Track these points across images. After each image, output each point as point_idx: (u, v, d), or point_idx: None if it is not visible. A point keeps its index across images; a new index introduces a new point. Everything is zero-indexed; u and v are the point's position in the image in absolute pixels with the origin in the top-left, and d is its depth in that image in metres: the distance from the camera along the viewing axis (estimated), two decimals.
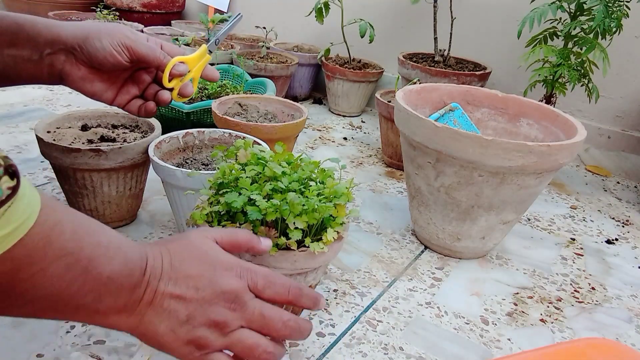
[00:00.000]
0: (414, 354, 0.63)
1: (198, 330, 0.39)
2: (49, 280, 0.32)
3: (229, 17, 1.49)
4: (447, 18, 1.36)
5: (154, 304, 0.38)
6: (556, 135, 0.84)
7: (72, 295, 0.34)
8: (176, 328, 0.38)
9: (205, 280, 0.40)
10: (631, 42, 1.28)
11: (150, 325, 0.38)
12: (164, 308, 0.38)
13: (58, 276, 0.32)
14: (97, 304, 0.35)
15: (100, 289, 0.35)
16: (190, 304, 0.39)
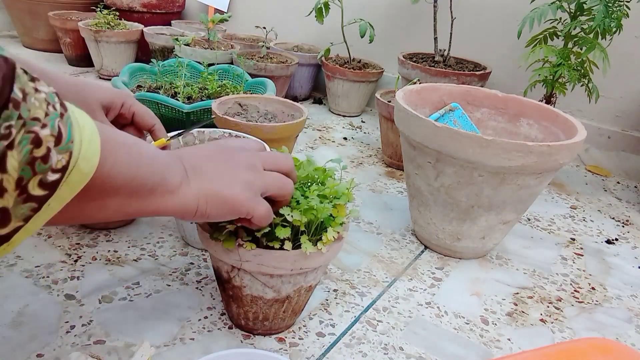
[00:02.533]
0: (414, 354, 0.63)
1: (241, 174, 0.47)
2: (123, 168, 0.38)
3: (228, 17, 1.49)
4: (447, 18, 1.36)
5: (198, 170, 0.46)
6: (556, 135, 0.84)
7: (143, 177, 0.40)
8: (223, 178, 0.46)
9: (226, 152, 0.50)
10: (631, 42, 1.28)
11: (207, 185, 0.45)
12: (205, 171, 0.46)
13: (127, 163, 0.38)
14: (164, 181, 0.42)
15: (160, 167, 0.42)
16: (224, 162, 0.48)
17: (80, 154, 0.33)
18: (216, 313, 0.66)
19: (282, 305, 0.60)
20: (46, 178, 0.31)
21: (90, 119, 0.35)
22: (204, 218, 0.46)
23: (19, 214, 0.30)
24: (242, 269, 0.55)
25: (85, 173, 0.33)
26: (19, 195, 0.30)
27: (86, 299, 0.65)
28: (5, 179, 0.29)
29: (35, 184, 0.30)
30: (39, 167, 0.30)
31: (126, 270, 0.72)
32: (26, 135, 0.29)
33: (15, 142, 0.29)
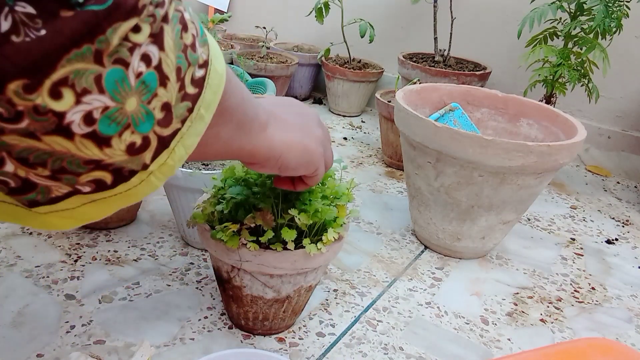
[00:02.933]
0: (414, 354, 0.63)
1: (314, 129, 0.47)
2: (235, 88, 0.35)
3: (228, 17, 1.49)
4: (447, 18, 1.36)
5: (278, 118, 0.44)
6: (556, 135, 0.84)
7: (247, 104, 0.38)
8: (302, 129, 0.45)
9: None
10: (631, 42, 1.28)
11: (288, 133, 0.44)
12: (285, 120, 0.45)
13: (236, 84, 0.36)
14: (258, 116, 0.40)
15: (254, 103, 0.40)
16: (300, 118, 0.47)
17: (211, 52, 0.30)
18: (216, 313, 0.66)
19: (282, 305, 0.60)
20: (195, 73, 0.28)
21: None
22: (284, 167, 0.44)
23: (178, 113, 0.28)
24: (242, 269, 0.55)
25: (220, 74, 0.31)
26: (179, 90, 0.27)
27: (86, 299, 0.65)
28: (164, 62, 0.26)
29: (189, 79, 0.28)
30: (191, 56, 0.28)
31: (126, 270, 0.72)
32: (175, 12, 0.26)
33: (169, 16, 0.26)
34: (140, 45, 0.24)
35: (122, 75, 0.24)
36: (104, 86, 0.23)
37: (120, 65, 0.24)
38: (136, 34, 0.24)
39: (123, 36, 0.23)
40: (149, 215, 0.87)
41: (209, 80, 0.30)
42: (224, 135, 0.36)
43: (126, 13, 0.23)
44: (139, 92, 0.25)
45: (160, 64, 0.25)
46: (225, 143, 0.37)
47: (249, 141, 0.39)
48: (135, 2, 0.23)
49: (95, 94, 0.23)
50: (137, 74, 0.25)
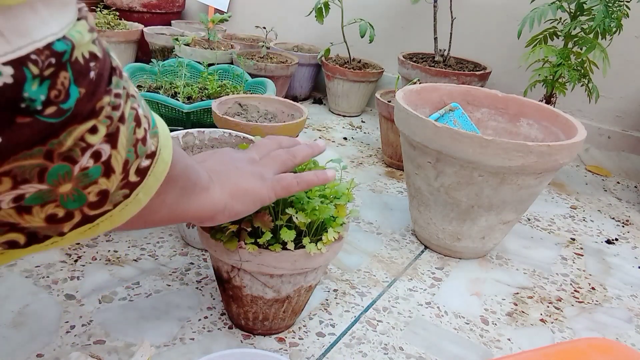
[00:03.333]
0: (414, 354, 0.63)
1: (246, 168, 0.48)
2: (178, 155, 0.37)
3: (229, 17, 1.49)
4: (447, 18, 1.36)
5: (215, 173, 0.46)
6: (556, 135, 0.84)
7: (190, 168, 0.40)
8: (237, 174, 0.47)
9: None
10: (631, 42, 1.28)
11: (228, 184, 0.46)
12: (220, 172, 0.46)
13: (178, 152, 0.37)
14: (199, 176, 0.42)
15: (195, 168, 0.42)
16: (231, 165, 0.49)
17: (161, 142, 0.32)
18: (216, 313, 0.66)
19: (282, 305, 0.60)
20: (141, 164, 0.30)
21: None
22: (232, 215, 0.46)
23: (113, 199, 0.29)
24: (242, 269, 0.55)
25: (166, 162, 0.33)
26: (121, 180, 0.28)
27: (86, 299, 0.65)
28: (114, 157, 0.27)
29: (134, 170, 0.29)
30: (140, 149, 0.29)
31: (126, 270, 0.72)
32: (131, 111, 0.28)
33: (125, 116, 0.27)
34: (93, 145, 0.26)
35: (67, 170, 0.25)
36: (45, 178, 0.24)
37: (68, 162, 0.25)
38: (92, 135, 0.25)
39: (78, 137, 0.25)
40: None
41: (154, 168, 0.31)
42: (169, 201, 0.37)
43: (83, 118, 0.25)
44: (78, 179, 0.26)
45: (109, 159, 0.27)
46: (170, 209, 0.38)
47: (192, 203, 0.41)
48: (93, 106, 0.25)
49: (34, 183, 0.24)
50: (82, 168, 0.26)
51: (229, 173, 0.47)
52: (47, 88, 0.22)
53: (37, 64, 0.22)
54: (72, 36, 0.24)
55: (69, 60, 0.23)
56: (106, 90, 0.26)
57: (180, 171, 0.37)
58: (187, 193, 0.40)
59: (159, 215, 0.37)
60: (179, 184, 0.38)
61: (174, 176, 0.36)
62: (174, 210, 0.39)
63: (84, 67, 0.24)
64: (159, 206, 0.36)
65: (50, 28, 0.22)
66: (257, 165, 0.50)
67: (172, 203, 0.38)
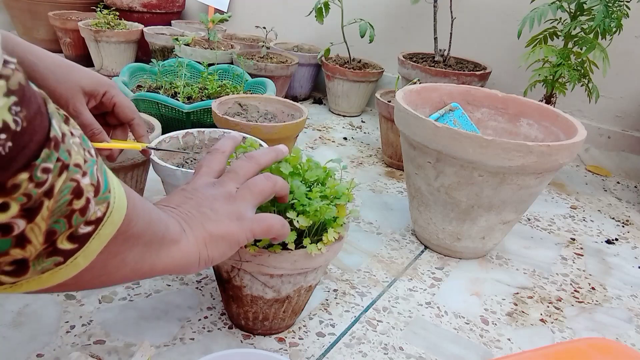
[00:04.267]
0: (414, 354, 0.63)
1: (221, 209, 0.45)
2: (141, 211, 0.35)
3: (229, 17, 1.49)
4: (447, 18, 1.36)
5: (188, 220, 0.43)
6: (556, 135, 0.84)
7: (156, 222, 0.38)
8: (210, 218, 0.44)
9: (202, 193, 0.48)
10: (631, 42, 1.28)
11: (200, 231, 0.43)
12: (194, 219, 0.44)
13: (142, 207, 0.36)
14: (168, 229, 0.40)
15: (162, 215, 0.40)
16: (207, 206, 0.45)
17: (115, 204, 0.31)
18: (216, 313, 0.66)
19: (282, 305, 0.60)
20: (77, 231, 0.28)
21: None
22: (208, 263, 0.44)
23: (38, 268, 0.27)
24: (242, 269, 0.55)
25: (115, 224, 0.31)
26: (45, 249, 0.26)
27: (86, 299, 0.65)
28: (31, 230, 0.25)
29: (65, 238, 0.27)
30: (76, 219, 0.27)
31: None
32: (68, 183, 0.26)
33: (55, 191, 0.25)
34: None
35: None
36: None
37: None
38: (1, 212, 0.23)
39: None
40: None
41: (99, 232, 0.30)
42: (131, 260, 0.36)
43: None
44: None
45: (22, 232, 0.25)
46: (134, 266, 0.36)
47: (161, 258, 0.39)
48: (2, 182, 0.23)
49: None
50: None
51: (203, 218, 0.44)
52: None
53: None
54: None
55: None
56: (25, 166, 0.23)
57: (142, 228, 0.35)
58: (153, 248, 0.38)
59: (120, 273, 0.35)
60: (141, 241, 0.36)
61: (135, 234, 0.34)
62: (140, 267, 0.37)
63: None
64: (119, 265, 0.35)
65: None
66: (234, 203, 0.46)
67: (135, 261, 0.36)
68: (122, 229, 0.32)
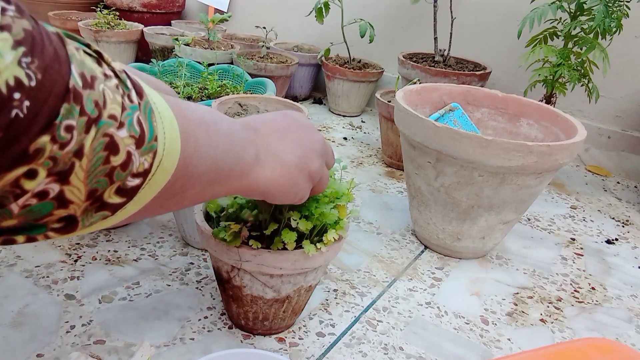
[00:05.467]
0: (414, 354, 0.63)
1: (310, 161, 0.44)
2: (203, 152, 0.33)
3: (229, 17, 1.49)
4: (447, 18, 1.36)
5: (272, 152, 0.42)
6: (556, 135, 0.84)
7: (222, 159, 0.35)
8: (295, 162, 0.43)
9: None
10: (631, 42, 1.28)
11: (278, 172, 0.42)
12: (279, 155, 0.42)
13: (207, 145, 0.33)
14: (239, 161, 0.37)
15: (236, 146, 0.37)
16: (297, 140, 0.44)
17: (165, 151, 0.28)
18: (216, 313, 0.66)
19: (282, 305, 0.60)
20: (125, 184, 0.26)
21: (161, 96, 0.29)
22: (266, 199, 0.43)
23: (87, 223, 0.26)
24: (242, 269, 0.55)
25: (168, 171, 0.29)
26: (91, 204, 0.25)
27: (86, 299, 0.65)
28: (69, 191, 0.24)
29: (112, 192, 0.26)
30: (118, 175, 0.25)
31: (126, 270, 0.72)
32: (101, 140, 0.24)
33: (85, 150, 0.23)
34: (30, 190, 0.22)
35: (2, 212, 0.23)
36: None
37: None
38: (29, 180, 0.22)
39: (8, 184, 0.21)
40: None
41: (149, 182, 0.28)
42: (191, 196, 0.34)
43: (8, 164, 0.21)
44: (23, 216, 0.23)
45: (61, 193, 0.23)
46: (193, 200, 0.35)
47: (222, 189, 0.38)
48: (24, 149, 0.21)
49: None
50: (22, 206, 0.23)
51: (286, 156, 0.42)
52: None
53: None
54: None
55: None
56: (46, 127, 0.21)
57: (205, 168, 0.33)
58: (217, 183, 0.36)
59: (179, 206, 0.34)
60: (203, 180, 0.34)
61: (195, 175, 0.32)
62: (201, 197, 0.36)
63: (4, 100, 0.19)
64: (177, 202, 0.33)
65: None
66: (320, 165, 0.46)
67: (196, 195, 0.35)
68: (177, 174, 0.30)
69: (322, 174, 0.47)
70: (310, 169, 0.44)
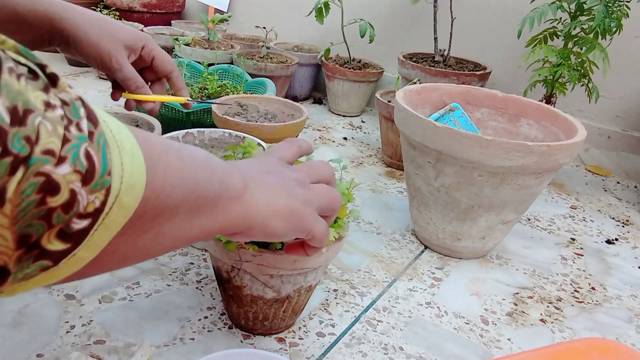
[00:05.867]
0: (414, 354, 0.63)
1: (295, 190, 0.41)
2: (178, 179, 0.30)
3: (229, 17, 1.49)
4: (447, 18, 1.36)
5: (256, 180, 0.39)
6: (556, 135, 0.84)
7: (203, 185, 0.32)
8: (284, 192, 0.40)
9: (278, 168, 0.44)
10: (631, 42, 1.28)
11: (272, 197, 0.39)
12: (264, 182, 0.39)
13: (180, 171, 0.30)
14: (225, 185, 0.34)
15: (218, 170, 0.34)
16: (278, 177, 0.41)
17: (123, 185, 0.24)
18: (216, 313, 0.66)
19: (282, 305, 0.60)
20: (70, 227, 0.23)
21: (122, 124, 0.26)
22: (271, 234, 0.39)
23: (20, 274, 0.22)
24: (242, 269, 0.55)
25: (129, 207, 0.25)
26: (24, 253, 0.22)
27: (86, 299, 0.65)
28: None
29: (52, 237, 0.22)
30: (58, 218, 0.22)
31: (126, 270, 0.72)
32: (32, 180, 0.20)
33: (8, 194, 0.20)
34: None
35: None
36: None
37: None
38: None
39: None
40: None
41: (104, 221, 0.24)
42: (171, 230, 0.31)
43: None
44: None
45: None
46: (176, 237, 0.32)
47: (214, 220, 0.34)
48: None
49: None
50: None
51: (274, 187, 0.39)
52: None
53: None
54: None
55: None
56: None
57: (182, 195, 0.30)
58: (202, 212, 0.33)
59: (160, 247, 0.31)
60: (182, 210, 0.30)
61: (170, 205, 0.29)
62: (186, 235, 0.32)
63: None
64: (155, 240, 0.30)
65: None
66: (305, 191, 0.42)
67: (178, 230, 0.31)
68: (144, 207, 0.27)
69: (320, 198, 0.43)
70: (297, 193, 0.41)
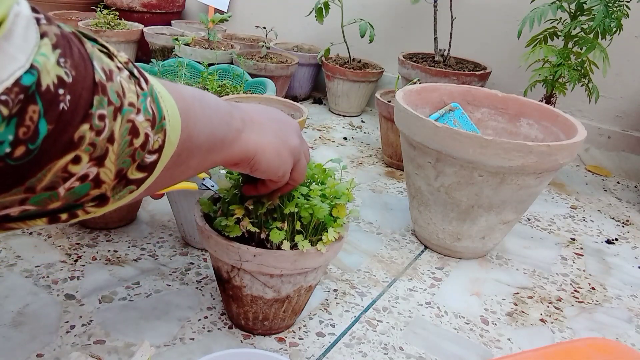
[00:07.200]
0: (414, 354, 0.63)
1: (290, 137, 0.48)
2: (201, 124, 0.36)
3: (229, 17, 1.49)
4: (447, 18, 1.36)
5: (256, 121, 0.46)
6: (556, 135, 0.84)
7: (217, 128, 0.39)
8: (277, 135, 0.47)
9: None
10: (631, 42, 1.28)
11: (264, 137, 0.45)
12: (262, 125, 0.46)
13: (202, 117, 0.37)
14: (229, 127, 0.41)
15: (224, 115, 0.41)
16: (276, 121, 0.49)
17: (169, 127, 0.32)
18: (216, 313, 0.66)
19: (282, 305, 0.60)
20: (144, 161, 0.30)
21: (157, 79, 0.33)
22: (255, 167, 0.45)
23: (117, 197, 0.30)
24: (242, 269, 0.55)
25: (174, 144, 0.32)
26: (118, 183, 0.29)
27: (86, 299, 0.65)
28: (103, 173, 0.27)
29: (134, 169, 0.30)
30: (139, 155, 0.29)
31: (126, 270, 0.72)
32: (126, 125, 0.27)
33: (115, 135, 0.27)
34: (76, 173, 0.26)
35: (49, 195, 0.25)
36: (27, 203, 0.25)
37: (50, 190, 0.25)
38: (75, 165, 0.25)
39: (59, 171, 0.25)
40: (149, 215, 0.87)
41: (161, 157, 0.32)
42: (194, 164, 0.38)
43: (59, 152, 0.24)
44: (66, 198, 0.27)
45: (97, 175, 0.27)
46: (196, 169, 0.39)
47: (220, 155, 0.41)
48: (70, 138, 0.24)
49: (15, 207, 0.25)
50: (67, 189, 0.26)
51: (269, 129, 0.46)
52: (14, 126, 0.21)
53: (7, 104, 0.21)
54: (38, 62, 0.22)
55: (36, 91, 0.22)
56: (85, 117, 0.24)
57: (203, 139, 0.37)
58: (215, 149, 0.40)
59: (185, 175, 0.38)
60: (203, 148, 0.38)
61: (196, 146, 0.36)
62: (202, 166, 0.40)
63: (53, 96, 0.22)
64: (184, 171, 0.37)
65: (17, 61, 0.21)
66: (299, 142, 0.49)
67: (198, 163, 0.38)
68: (181, 146, 0.33)
69: (301, 154, 0.50)
70: (290, 143, 0.47)
